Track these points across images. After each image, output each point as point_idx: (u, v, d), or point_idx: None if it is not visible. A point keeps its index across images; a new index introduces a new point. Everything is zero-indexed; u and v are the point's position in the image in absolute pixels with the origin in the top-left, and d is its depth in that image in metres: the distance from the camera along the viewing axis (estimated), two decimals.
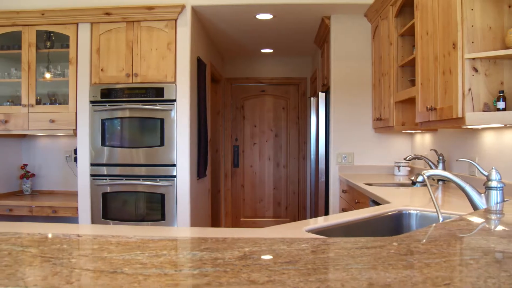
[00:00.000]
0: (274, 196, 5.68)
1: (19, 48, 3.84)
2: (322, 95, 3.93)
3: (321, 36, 4.37)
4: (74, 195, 4.09)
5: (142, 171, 3.61)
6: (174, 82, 3.58)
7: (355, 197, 3.10)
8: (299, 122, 5.67)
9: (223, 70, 5.69)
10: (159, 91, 3.58)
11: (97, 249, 0.77)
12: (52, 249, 0.77)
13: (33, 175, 4.20)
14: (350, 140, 3.84)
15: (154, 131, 3.62)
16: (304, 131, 5.67)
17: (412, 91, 2.84)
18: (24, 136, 4.22)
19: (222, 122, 5.66)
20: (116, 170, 3.65)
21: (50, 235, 0.90)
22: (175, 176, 3.58)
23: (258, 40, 4.83)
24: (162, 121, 3.59)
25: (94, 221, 3.67)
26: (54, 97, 3.92)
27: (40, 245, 0.80)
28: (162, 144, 3.59)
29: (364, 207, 2.85)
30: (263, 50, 5.29)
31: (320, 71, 4.70)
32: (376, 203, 2.57)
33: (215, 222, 5.02)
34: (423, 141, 3.54)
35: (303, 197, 5.69)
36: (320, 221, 1.62)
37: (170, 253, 0.74)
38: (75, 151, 4.20)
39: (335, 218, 1.69)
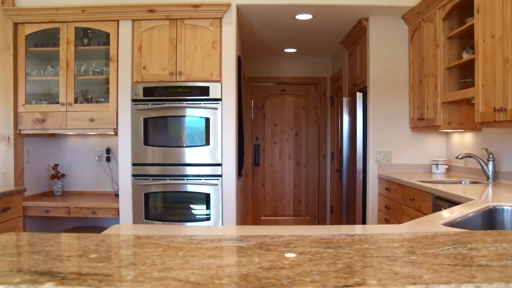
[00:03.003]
0: (294, 195, 5.73)
1: (54, 45, 3.74)
2: (359, 95, 4.00)
3: (352, 37, 4.44)
4: (107, 195, 4.01)
5: (187, 170, 3.58)
6: (220, 80, 3.57)
7: (407, 195, 3.18)
8: (319, 121, 5.74)
9: (245, 69, 5.69)
10: (204, 90, 3.56)
11: (383, 248, 0.79)
12: (356, 249, 0.78)
13: (63, 175, 4.09)
14: (388, 139, 3.93)
15: (199, 130, 3.60)
16: (324, 130, 5.75)
17: (468, 92, 2.94)
18: (53, 135, 4.11)
19: (243, 121, 5.66)
20: (159, 170, 3.60)
21: (310, 235, 0.91)
22: (220, 176, 3.57)
23: (285, 40, 4.86)
24: (207, 120, 3.57)
25: (135, 222, 3.61)
26: (90, 96, 3.83)
27: (327, 246, 0.81)
28: (207, 143, 3.57)
29: (422, 204, 2.93)
30: (287, 50, 5.32)
31: (348, 72, 4.78)
32: (440, 199, 2.66)
33: (240, 220, 5.03)
34: (463, 140, 3.66)
35: (323, 195, 5.76)
36: (446, 215, 1.69)
37: (438, 248, 0.77)
38: (108, 151, 4.13)
39: (453, 212, 1.77)
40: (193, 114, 3.59)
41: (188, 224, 3.63)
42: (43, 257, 0.68)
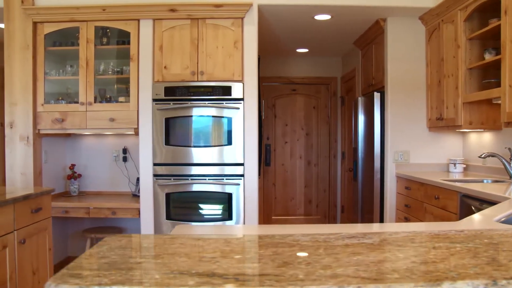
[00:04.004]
0: (305, 194, 5.76)
1: (72, 44, 3.71)
2: (377, 95, 4.04)
3: (368, 37, 4.47)
4: (124, 195, 3.99)
5: (209, 170, 3.58)
6: (242, 80, 3.57)
7: (431, 193, 3.22)
8: (330, 121, 5.77)
9: None
10: (226, 90, 3.56)
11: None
12: (482, 244, 0.79)
13: (80, 175, 4.05)
14: (405, 139, 3.97)
15: (221, 130, 3.60)
16: (334, 130, 5.78)
17: (494, 92, 2.98)
18: (69, 135, 4.07)
19: None
20: (181, 170, 3.59)
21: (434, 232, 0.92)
22: (242, 175, 3.57)
23: (299, 40, 4.87)
24: (229, 120, 3.57)
25: (157, 222, 3.60)
26: (109, 95, 3.80)
27: (451, 241, 0.82)
28: (229, 143, 3.57)
29: (448, 202, 2.97)
30: (299, 50, 5.34)
31: (361, 72, 4.81)
32: (469, 197, 2.69)
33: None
34: (480, 140, 3.71)
35: (333, 194, 5.80)
36: (497, 212, 1.72)
37: None
38: (124, 151, 4.10)
39: (498, 210, 1.79)
40: (215, 114, 3.58)
41: (211, 224, 3.62)
42: (187, 259, 0.68)
